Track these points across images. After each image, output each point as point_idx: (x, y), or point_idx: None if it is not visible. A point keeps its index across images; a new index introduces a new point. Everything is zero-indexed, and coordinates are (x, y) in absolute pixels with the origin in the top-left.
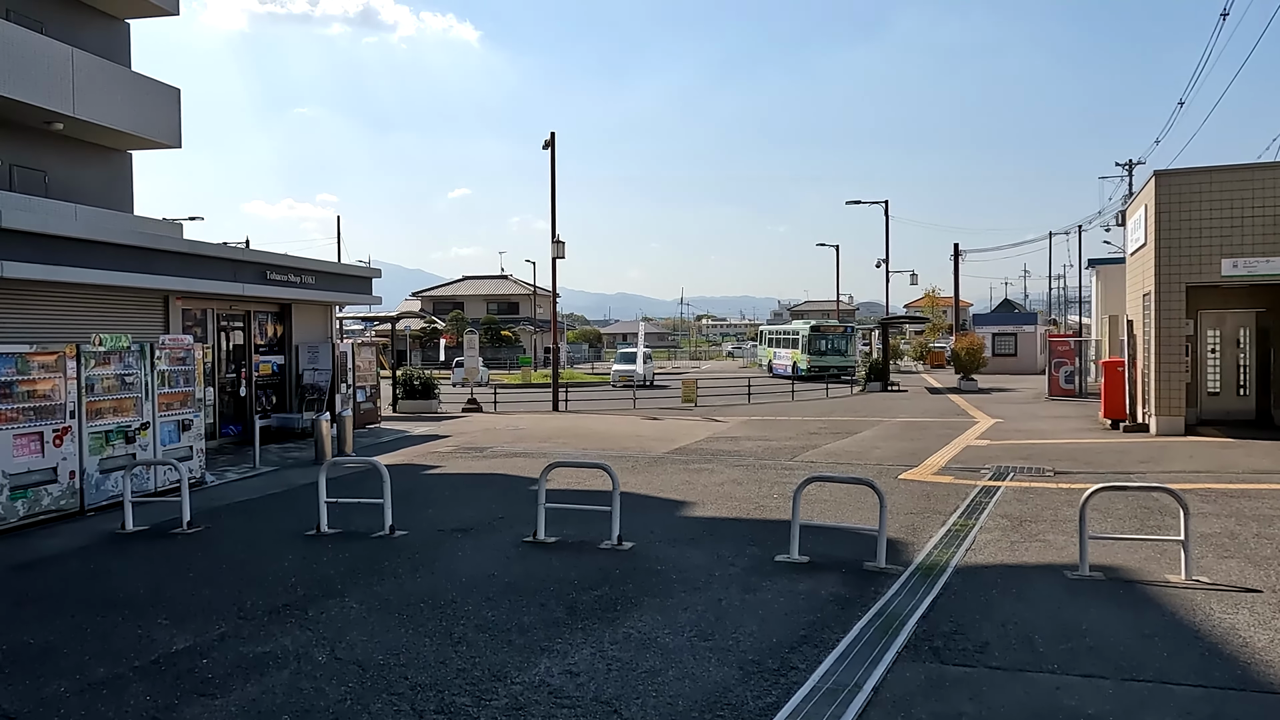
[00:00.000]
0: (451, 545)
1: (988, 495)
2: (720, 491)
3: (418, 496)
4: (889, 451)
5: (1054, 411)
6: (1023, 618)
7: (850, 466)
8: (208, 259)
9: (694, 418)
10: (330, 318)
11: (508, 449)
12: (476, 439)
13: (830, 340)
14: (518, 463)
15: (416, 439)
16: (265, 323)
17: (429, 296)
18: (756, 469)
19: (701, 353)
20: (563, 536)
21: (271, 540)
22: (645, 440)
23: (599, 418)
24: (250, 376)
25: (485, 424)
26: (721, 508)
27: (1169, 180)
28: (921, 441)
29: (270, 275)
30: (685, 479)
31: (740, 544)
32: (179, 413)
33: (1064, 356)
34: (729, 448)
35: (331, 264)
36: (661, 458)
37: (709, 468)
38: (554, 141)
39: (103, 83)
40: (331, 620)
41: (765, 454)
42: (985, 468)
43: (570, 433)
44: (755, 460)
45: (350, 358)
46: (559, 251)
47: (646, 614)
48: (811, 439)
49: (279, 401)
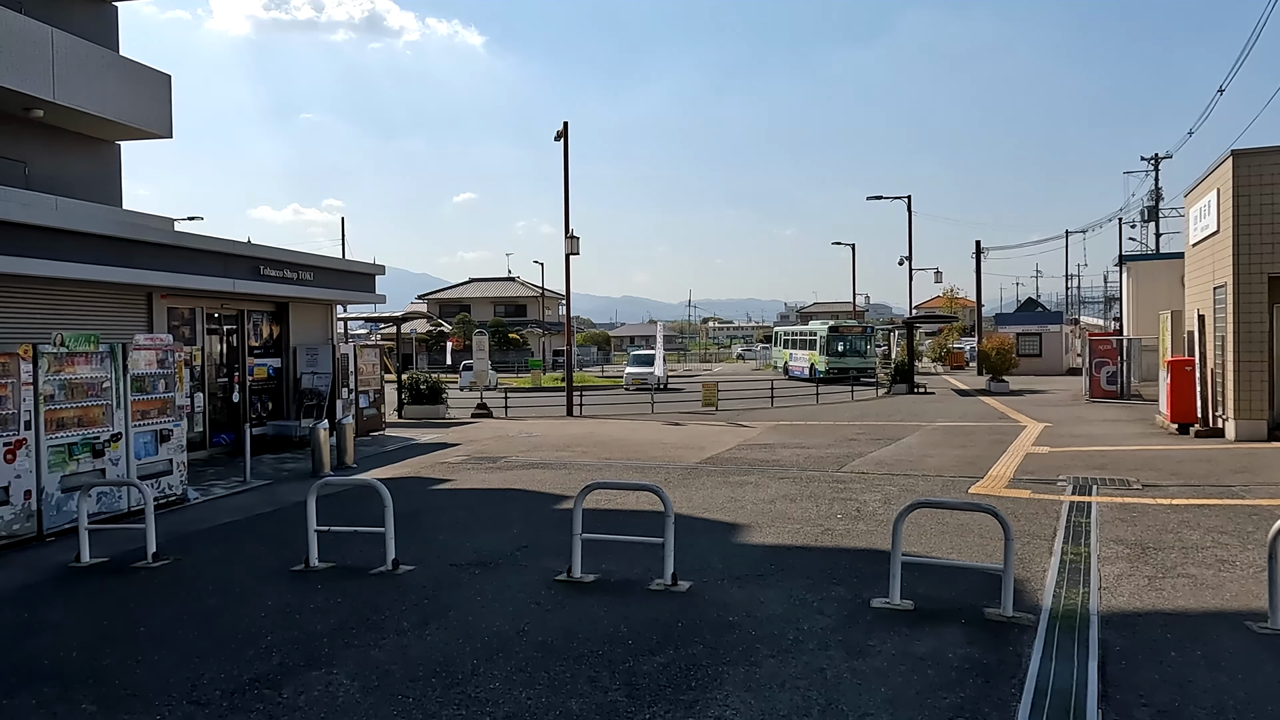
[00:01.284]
0: (468, 585)
1: (1082, 514)
2: (773, 511)
3: (426, 519)
4: (944, 461)
5: (1103, 414)
6: (1235, 696)
7: (907, 478)
8: (195, 252)
9: (718, 423)
10: (331, 318)
11: (524, 459)
12: (489, 448)
13: (849, 341)
14: (537, 476)
15: (424, 448)
16: (260, 323)
17: (435, 299)
18: (805, 482)
19: (711, 355)
20: (602, 573)
21: (250, 578)
22: (672, 448)
23: (617, 423)
24: (244, 381)
25: (497, 431)
26: (781, 532)
27: (1248, 160)
28: (974, 449)
29: (265, 271)
30: (729, 495)
31: (819, 582)
32: (157, 422)
33: (1106, 356)
34: (766, 457)
35: (332, 259)
36: (695, 469)
37: (751, 480)
38: (566, 132)
39: (87, 66)
40: (313, 705)
41: (808, 464)
42: (1060, 479)
43: (589, 440)
44: (800, 471)
45: (352, 360)
46: (573, 247)
47: (733, 694)
48: (852, 446)
49: (275, 408)
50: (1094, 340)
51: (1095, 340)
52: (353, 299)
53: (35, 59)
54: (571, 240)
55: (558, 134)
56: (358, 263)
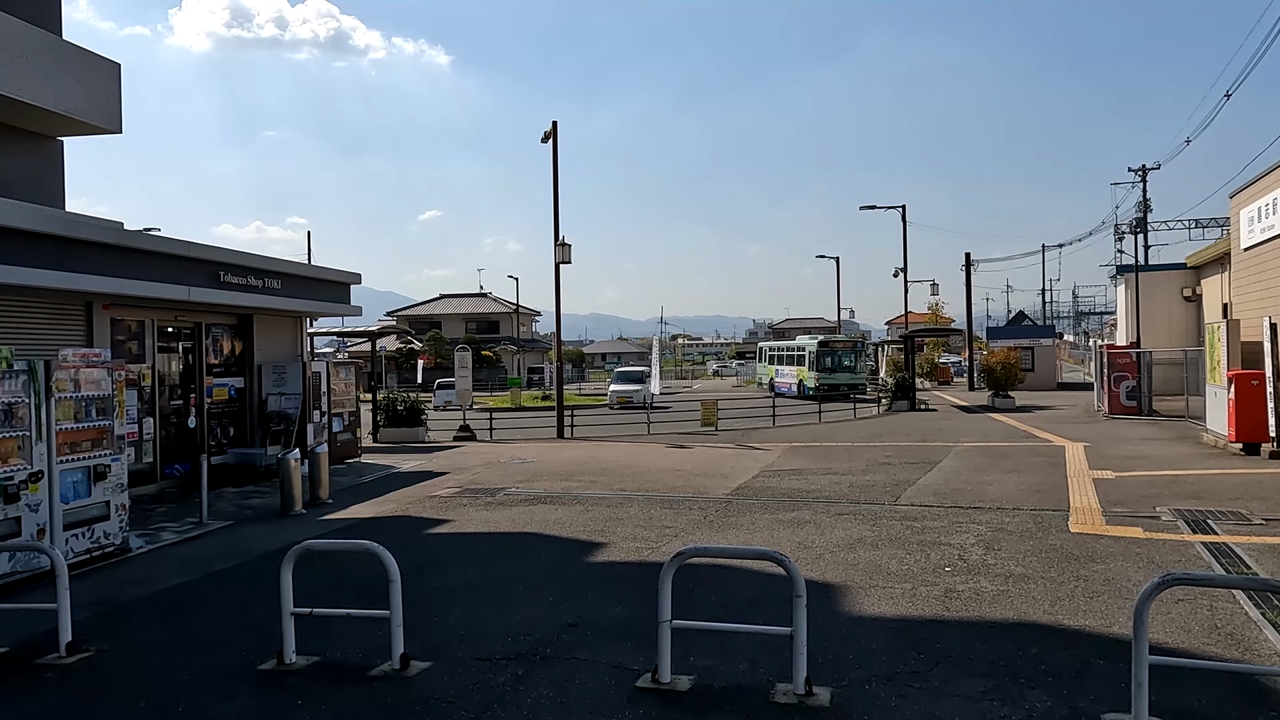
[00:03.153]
0: (513, 699)
1: (1227, 558)
2: (860, 562)
3: (430, 580)
4: (1008, 489)
5: (1137, 433)
6: None
7: (984, 512)
8: (144, 255)
9: (724, 445)
10: (301, 332)
11: (526, 491)
12: (481, 476)
13: (839, 357)
14: (550, 514)
15: (407, 478)
16: (221, 337)
17: (404, 316)
18: (871, 520)
19: (686, 372)
20: (697, 672)
21: (199, 686)
22: (690, 476)
23: (616, 446)
24: (201, 403)
25: (485, 456)
26: (894, 597)
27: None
28: (1028, 473)
29: (226, 277)
30: (793, 539)
31: (1001, 681)
32: (90, 456)
33: (1125, 370)
34: (802, 486)
35: (302, 265)
36: (729, 502)
37: (808, 518)
38: (556, 133)
39: (23, 51)
40: None
41: (856, 495)
42: (1159, 512)
43: (593, 467)
44: (853, 505)
45: (325, 379)
46: (564, 255)
47: None
48: (889, 471)
49: (238, 433)
50: (1112, 354)
51: (1114, 354)
52: (325, 310)
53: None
54: (563, 248)
55: (545, 134)
56: (331, 270)
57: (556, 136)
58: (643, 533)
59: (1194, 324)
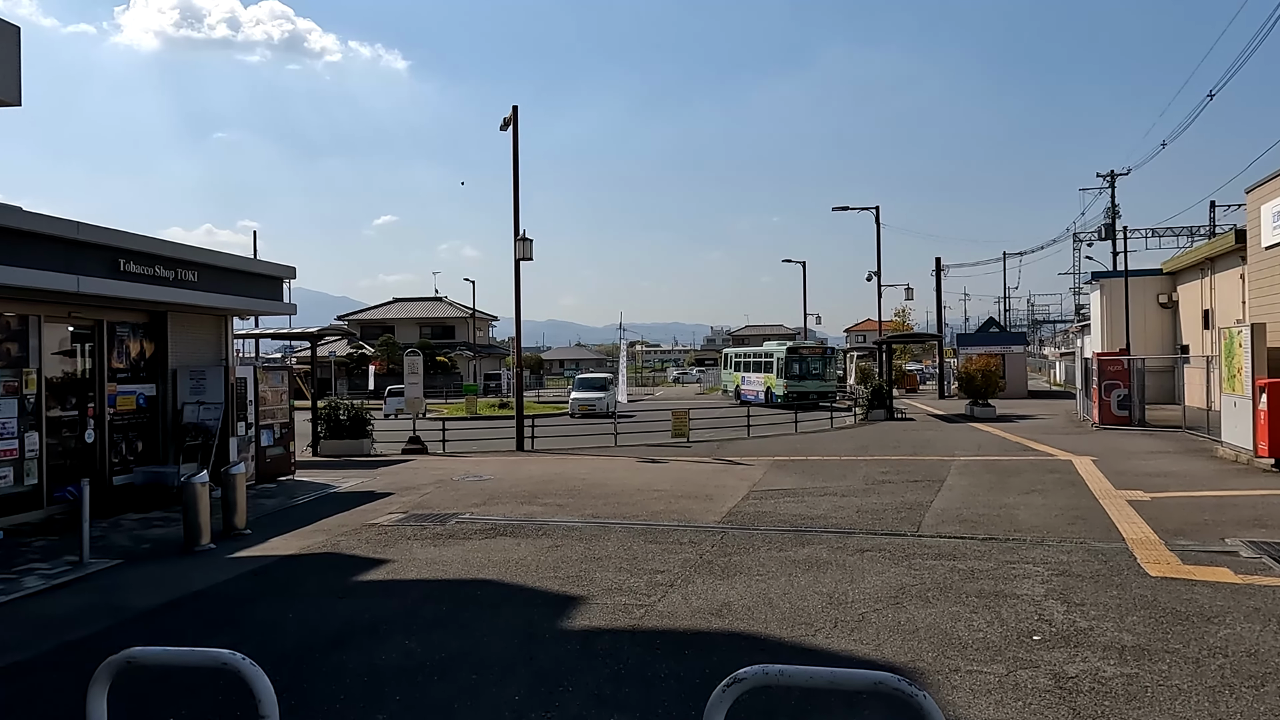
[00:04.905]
0: None
1: None
2: (918, 626)
3: (350, 662)
4: (1039, 515)
5: (1141, 445)
6: None
7: (1030, 548)
8: (17, 235)
9: (702, 459)
10: (225, 332)
11: (483, 517)
12: (431, 498)
13: (808, 364)
14: (511, 551)
15: (345, 500)
16: (127, 338)
17: (356, 320)
18: (900, 557)
19: (647, 379)
20: None
21: None
22: (670, 498)
23: (581, 460)
24: (102, 414)
25: (437, 472)
26: (993, 690)
27: None
28: (1051, 494)
29: (128, 266)
30: (815, 588)
31: None
32: None
33: (1116, 378)
34: (801, 510)
35: (225, 255)
36: (721, 532)
37: (820, 555)
38: (516, 119)
39: None
40: None
41: (867, 522)
42: (1234, 547)
43: (559, 486)
44: (869, 537)
45: (252, 386)
46: (525, 251)
47: None
48: (894, 492)
49: (147, 448)
50: (1102, 361)
51: (1104, 361)
52: (254, 308)
53: None
54: (523, 243)
55: (505, 121)
56: (260, 262)
57: (517, 123)
58: (629, 580)
59: (1170, 331)
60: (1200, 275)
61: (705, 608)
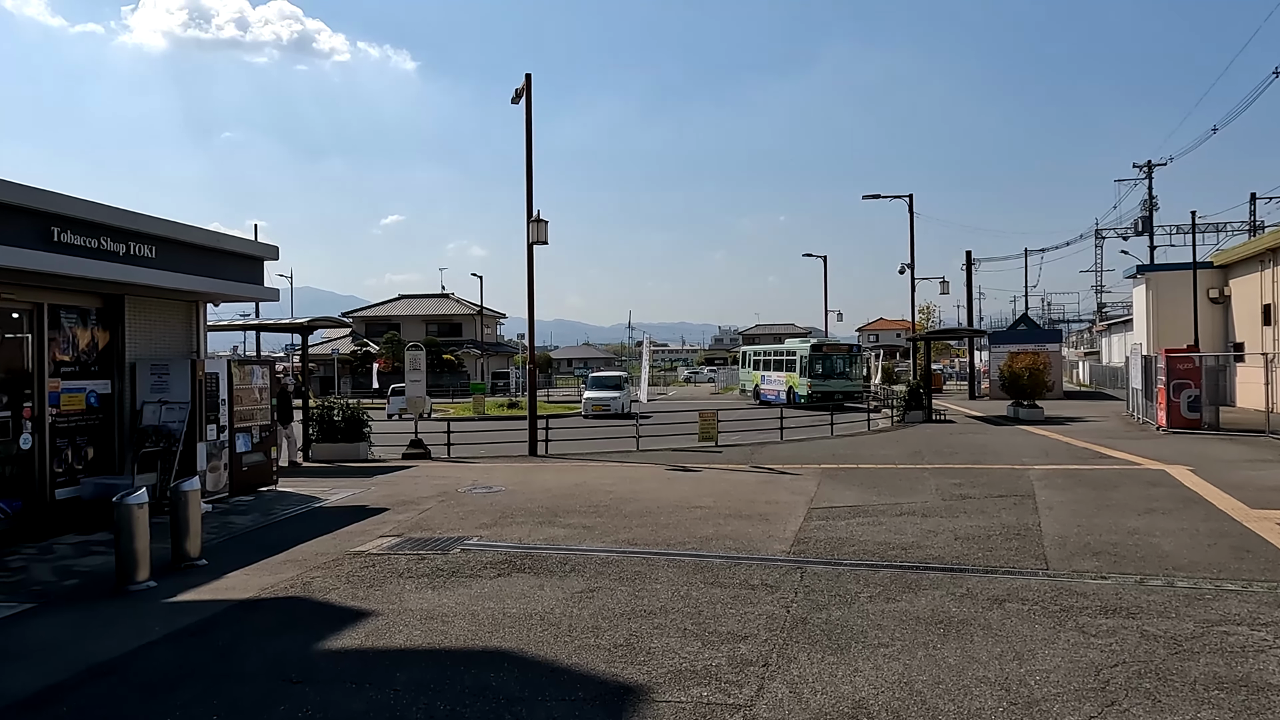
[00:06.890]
0: None
1: None
2: None
3: None
4: (1184, 543)
5: (1226, 452)
6: None
7: (1206, 595)
8: None
9: (739, 467)
10: (196, 322)
11: (493, 545)
12: (432, 515)
13: (833, 362)
14: (528, 600)
15: (330, 518)
16: (74, 325)
17: (361, 317)
18: (1055, 612)
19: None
20: None
21: None
22: (718, 517)
23: (604, 468)
24: (41, 415)
25: (440, 482)
26: None
27: None
28: (1176, 515)
29: (64, 236)
30: (969, 670)
31: None
32: None
33: (1186, 378)
34: (882, 536)
35: (191, 229)
36: (799, 569)
37: (951, 610)
38: (529, 88)
39: None
40: None
41: (974, 554)
42: None
43: (582, 501)
44: (990, 577)
45: (224, 383)
46: (539, 234)
47: None
48: (981, 510)
49: (100, 455)
50: (1171, 359)
51: (1174, 359)
52: (229, 292)
53: None
54: (538, 225)
55: (518, 92)
56: (234, 238)
57: (529, 94)
58: (702, 653)
59: (1221, 327)
60: (1260, 268)
61: (831, 712)
